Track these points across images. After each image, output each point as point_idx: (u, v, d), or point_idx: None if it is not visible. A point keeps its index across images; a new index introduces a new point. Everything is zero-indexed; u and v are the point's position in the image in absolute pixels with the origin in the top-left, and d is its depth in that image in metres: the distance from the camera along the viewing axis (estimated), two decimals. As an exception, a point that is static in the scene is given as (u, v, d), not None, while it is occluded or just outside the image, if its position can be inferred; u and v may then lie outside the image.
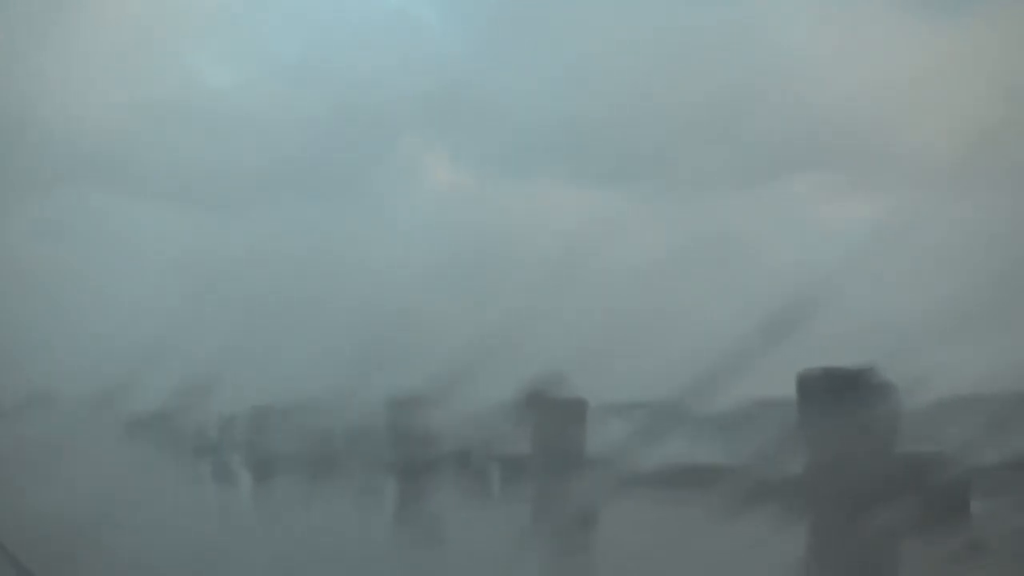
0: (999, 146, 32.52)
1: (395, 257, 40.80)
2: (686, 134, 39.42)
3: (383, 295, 38.02)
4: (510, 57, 44.43)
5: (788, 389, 31.18)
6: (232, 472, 41.00)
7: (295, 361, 36.88)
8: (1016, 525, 22.97)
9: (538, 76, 45.81)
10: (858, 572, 23.03)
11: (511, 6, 45.29)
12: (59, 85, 43.93)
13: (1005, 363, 27.12)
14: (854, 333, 30.87)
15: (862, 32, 43.33)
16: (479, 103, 43.79)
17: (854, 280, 30.00)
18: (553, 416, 35.60)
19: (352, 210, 42.85)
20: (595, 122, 42.92)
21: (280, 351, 37.16)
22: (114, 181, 45.47)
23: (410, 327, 35.45)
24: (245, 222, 43.70)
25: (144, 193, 45.40)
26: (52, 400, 39.37)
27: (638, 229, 41.43)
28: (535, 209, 43.67)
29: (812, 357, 29.94)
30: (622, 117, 42.20)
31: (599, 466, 33.18)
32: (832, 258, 32.66)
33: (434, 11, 55.92)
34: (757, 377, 29.87)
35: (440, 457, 36.87)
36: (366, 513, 34.13)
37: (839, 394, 27.64)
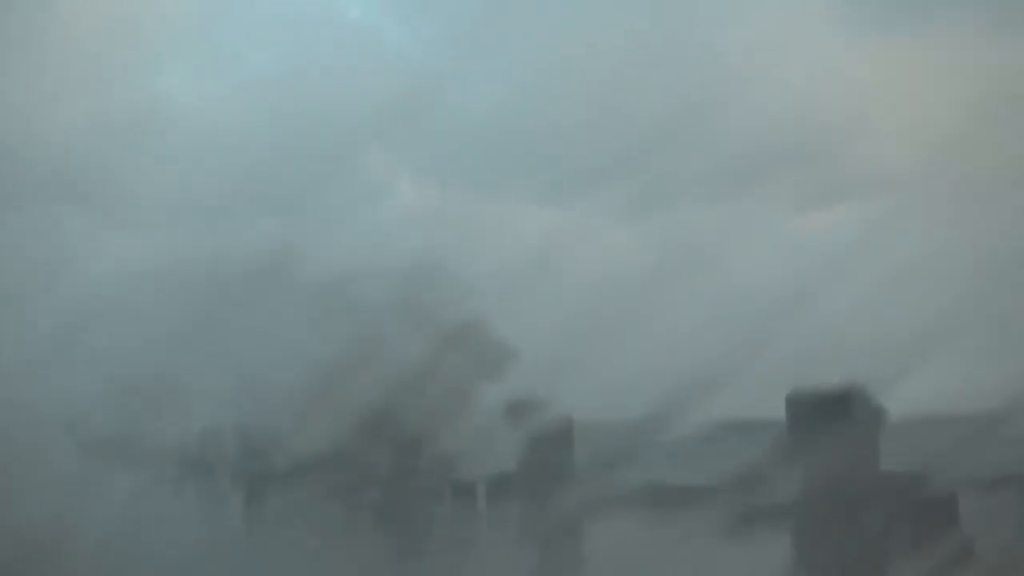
0: (961, 158, 32.92)
1: (364, 273, 40.67)
2: (654, 146, 39.45)
3: (354, 310, 37.93)
4: (474, 70, 44.30)
5: (762, 408, 31.46)
6: (214, 489, 40.75)
7: (267, 377, 36.76)
8: (1004, 538, 23.28)
9: (502, 89, 45.84)
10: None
11: (474, 19, 45.21)
12: (20, 102, 43.44)
13: (974, 381, 27.48)
14: (827, 349, 31.09)
15: (827, 45, 43.67)
16: (443, 116, 43.66)
17: (825, 295, 30.23)
18: (539, 434, 35.61)
19: (317, 225, 42.64)
20: (561, 135, 42.98)
21: (255, 367, 37.03)
22: (77, 199, 44.99)
23: (378, 344, 35.42)
24: (210, 238, 43.38)
25: (108, 211, 44.97)
26: (19, 417, 38.98)
27: (608, 243, 41.52)
28: (501, 223, 43.59)
29: (787, 374, 30.12)
30: (589, 129, 42.27)
31: (582, 484, 33.29)
32: (803, 271, 32.89)
33: (397, 25, 55.75)
34: (731, 396, 30.09)
35: (423, 474, 36.89)
36: (350, 528, 34.09)
37: (827, 413, 27.80)
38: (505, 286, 35.96)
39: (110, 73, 44.62)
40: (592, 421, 34.49)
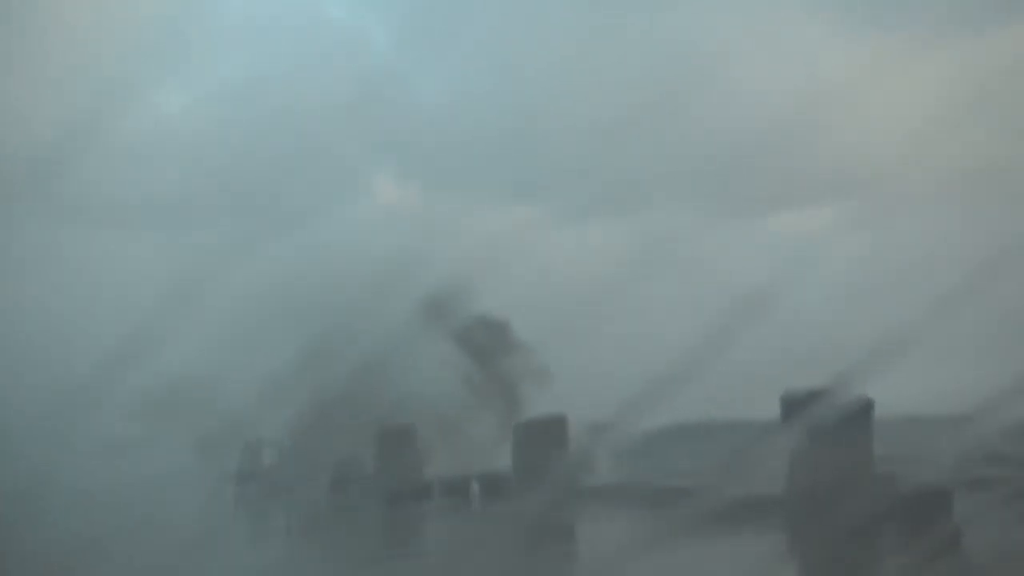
0: (947, 156, 33.31)
1: (344, 275, 40.75)
2: (632, 143, 39.73)
3: (333, 313, 37.95)
4: (449, 72, 44.65)
5: (751, 407, 31.72)
6: (209, 495, 40.71)
7: (251, 382, 36.72)
8: (993, 537, 23.58)
9: (479, 90, 46.15)
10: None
11: (452, 24, 45.54)
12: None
13: (962, 380, 27.78)
14: (814, 347, 31.37)
15: (797, 43, 44.21)
16: (419, 117, 43.93)
17: (812, 293, 30.49)
18: (533, 434, 35.79)
19: (297, 229, 42.72)
20: (536, 132, 43.30)
21: (236, 372, 37.02)
22: (55, 205, 44.79)
23: (360, 346, 35.47)
24: (188, 243, 43.41)
25: (86, 217, 44.87)
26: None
27: (585, 241, 41.73)
28: (477, 223, 43.82)
29: (775, 374, 30.43)
30: (564, 127, 42.58)
31: (575, 482, 33.48)
32: (789, 269, 33.13)
33: (377, 28, 56.03)
34: (722, 395, 30.29)
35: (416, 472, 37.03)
36: (346, 531, 34.19)
37: (815, 412, 28.05)
38: (479, 283, 36.08)
39: (93, 74, 44.55)
40: (585, 421, 34.70)
